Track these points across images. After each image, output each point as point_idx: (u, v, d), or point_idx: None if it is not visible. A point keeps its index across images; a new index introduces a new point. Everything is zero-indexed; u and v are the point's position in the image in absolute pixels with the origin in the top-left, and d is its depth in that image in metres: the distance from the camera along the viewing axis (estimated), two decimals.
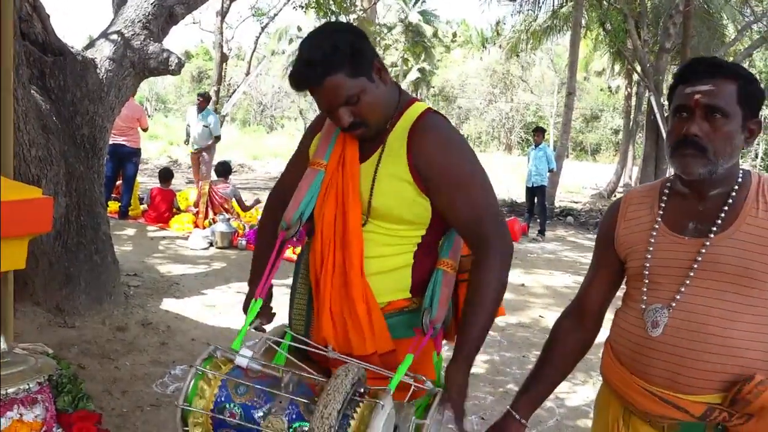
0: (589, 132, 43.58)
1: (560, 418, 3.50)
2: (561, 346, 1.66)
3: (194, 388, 1.35)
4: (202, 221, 7.92)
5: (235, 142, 21.83)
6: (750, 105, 1.37)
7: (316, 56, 1.41)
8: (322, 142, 1.63)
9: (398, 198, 1.52)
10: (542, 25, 18.74)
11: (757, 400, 1.31)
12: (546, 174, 10.17)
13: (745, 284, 1.36)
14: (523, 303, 5.97)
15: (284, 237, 1.58)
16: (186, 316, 4.71)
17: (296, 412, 1.29)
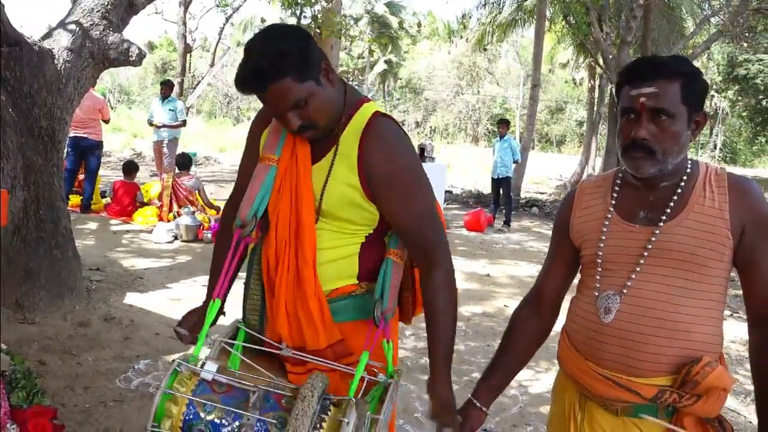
0: (555, 124, 44.14)
1: (523, 405, 3.56)
2: (520, 335, 1.70)
3: (161, 408, 1.35)
4: (167, 214, 7.82)
5: (200, 135, 21.53)
6: (694, 100, 1.41)
7: (262, 63, 1.40)
8: (271, 136, 1.62)
9: (347, 203, 1.53)
10: (507, 17, 18.88)
11: (704, 381, 1.35)
12: (511, 165, 10.28)
13: (693, 270, 1.41)
14: (488, 293, 6.04)
15: (240, 235, 1.57)
16: (150, 311, 4.65)
17: (264, 429, 1.31)
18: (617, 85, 1.49)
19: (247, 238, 1.58)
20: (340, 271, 1.58)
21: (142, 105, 33.98)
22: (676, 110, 1.38)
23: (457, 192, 14.49)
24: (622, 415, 1.47)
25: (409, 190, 1.54)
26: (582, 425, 1.54)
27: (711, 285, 1.42)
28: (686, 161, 1.48)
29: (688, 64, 1.43)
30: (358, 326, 1.58)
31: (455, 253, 7.88)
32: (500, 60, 42.13)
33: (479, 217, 9.82)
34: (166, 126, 9.51)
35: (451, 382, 1.59)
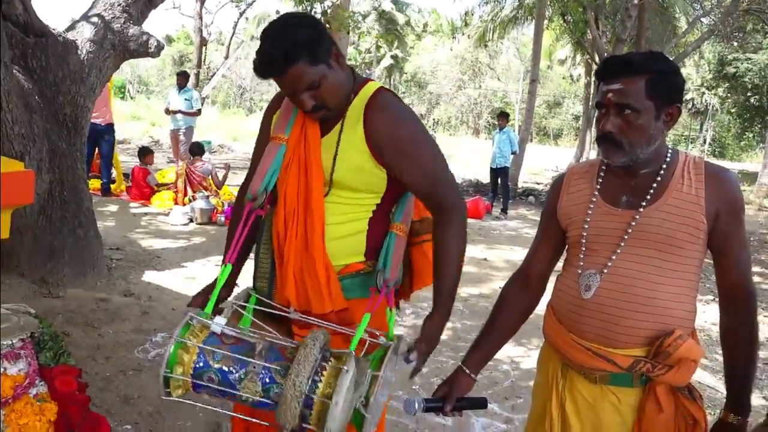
0: (552, 117, 43.91)
1: (514, 380, 3.61)
2: (507, 309, 1.73)
3: (174, 355, 1.39)
4: (182, 198, 7.87)
5: (215, 124, 21.54)
6: (663, 95, 1.42)
7: (279, 50, 1.45)
8: (281, 118, 1.67)
9: (358, 169, 1.57)
10: (508, 15, 18.78)
11: (676, 352, 1.40)
12: (509, 156, 10.29)
13: (670, 251, 1.44)
14: (485, 276, 6.08)
15: (251, 207, 1.63)
16: (167, 288, 4.71)
17: (269, 377, 1.35)
18: (596, 83, 1.53)
19: (257, 210, 1.62)
20: (349, 247, 1.63)
21: (160, 95, 33.94)
22: (641, 105, 1.41)
23: (458, 181, 14.50)
24: (601, 384, 1.51)
25: (415, 150, 1.58)
26: (564, 392, 1.58)
27: (686, 266, 1.46)
28: (666, 150, 1.51)
29: (659, 61, 1.44)
30: (364, 303, 1.62)
31: None
32: (501, 56, 41.87)
33: (478, 204, 9.83)
34: (182, 112, 9.53)
35: (445, 323, 1.65)
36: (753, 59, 20.15)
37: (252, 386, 1.34)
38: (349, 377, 1.30)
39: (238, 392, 1.34)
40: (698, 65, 28.23)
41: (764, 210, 14.30)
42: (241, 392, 1.34)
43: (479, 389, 3.42)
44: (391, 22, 34.75)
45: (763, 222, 12.29)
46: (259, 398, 1.33)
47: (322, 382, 1.31)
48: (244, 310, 1.58)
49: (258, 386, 1.34)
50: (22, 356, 1.63)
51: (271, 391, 1.33)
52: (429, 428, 2.95)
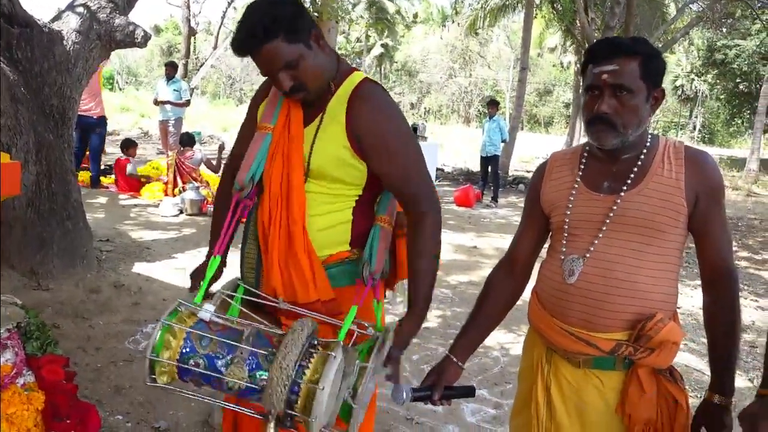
0: (543, 105, 43.97)
1: (504, 366, 3.64)
2: (494, 296, 1.73)
3: (161, 339, 1.38)
4: (172, 189, 7.84)
5: (205, 115, 21.43)
6: (652, 78, 1.44)
7: (255, 25, 1.45)
8: (268, 107, 1.66)
9: (334, 160, 1.57)
10: (498, 3, 18.72)
11: (657, 335, 1.41)
12: (499, 144, 10.31)
13: (651, 235, 1.46)
14: (474, 263, 6.11)
15: (238, 197, 1.62)
16: (157, 279, 4.70)
17: (256, 362, 1.34)
18: (582, 65, 1.52)
19: (244, 201, 1.62)
20: (333, 237, 1.63)
21: (149, 86, 33.67)
22: (636, 86, 1.42)
23: (449, 170, 14.50)
24: (584, 368, 1.52)
25: (396, 145, 1.58)
26: (549, 377, 1.59)
27: (667, 249, 1.47)
28: (647, 135, 1.52)
29: (646, 45, 1.46)
30: (351, 291, 1.62)
31: (445, 226, 7.93)
32: (491, 44, 41.79)
33: (468, 193, 9.86)
34: (171, 103, 9.47)
35: (420, 325, 1.64)
36: (741, 46, 20.22)
37: (238, 372, 1.33)
38: (336, 363, 1.30)
39: (224, 377, 1.34)
40: (687, 52, 28.31)
41: (753, 195, 14.43)
42: (227, 378, 1.34)
43: (469, 376, 3.46)
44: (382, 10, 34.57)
45: (752, 207, 12.39)
46: (246, 384, 1.33)
47: (309, 368, 1.31)
48: (232, 300, 1.58)
49: (244, 372, 1.33)
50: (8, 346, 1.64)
51: (257, 376, 1.33)
52: (419, 414, 2.98)
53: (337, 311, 1.58)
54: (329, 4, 8.07)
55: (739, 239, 8.73)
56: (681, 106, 41.00)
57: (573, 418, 1.56)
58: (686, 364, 3.83)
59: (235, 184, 1.63)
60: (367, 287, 1.59)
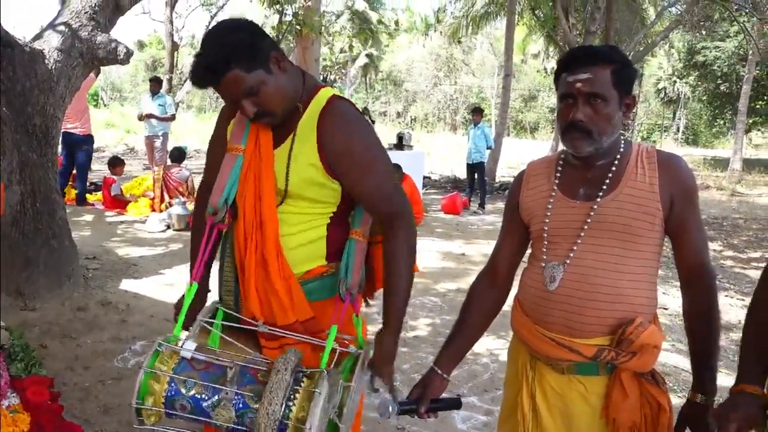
0: (528, 111, 44.26)
1: (494, 372, 3.65)
2: (477, 306, 1.74)
3: (144, 386, 1.37)
4: (159, 205, 7.82)
5: (191, 129, 21.39)
6: (624, 85, 1.47)
7: (209, 59, 1.44)
8: (236, 127, 1.64)
9: (311, 181, 1.56)
10: (480, 10, 18.87)
11: (638, 339, 1.43)
12: (485, 151, 10.38)
13: (628, 239, 1.48)
14: (463, 271, 6.12)
15: (212, 222, 1.62)
16: (144, 295, 4.68)
17: (242, 402, 1.34)
18: (555, 73, 1.55)
19: (219, 225, 1.62)
20: (309, 253, 1.62)
21: (134, 102, 33.54)
22: (609, 94, 1.45)
23: (436, 177, 14.55)
24: (568, 374, 1.54)
25: (368, 163, 1.57)
26: (533, 384, 1.60)
27: (644, 253, 1.50)
28: (620, 141, 1.55)
29: (618, 53, 1.49)
30: (330, 304, 1.62)
31: (433, 234, 8.00)
32: (475, 51, 42.09)
33: (455, 200, 9.91)
34: (156, 117, 9.44)
35: (398, 338, 1.61)
36: (721, 47, 20.48)
37: (225, 413, 1.33)
38: (322, 399, 1.29)
39: (211, 420, 1.34)
40: (669, 55, 28.62)
41: (737, 195, 14.58)
42: (214, 419, 1.33)
43: (459, 383, 3.46)
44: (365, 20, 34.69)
45: (736, 207, 12.52)
46: (233, 425, 1.33)
47: (295, 405, 1.31)
48: (212, 326, 1.58)
49: (231, 413, 1.33)
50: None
51: (245, 416, 1.33)
52: (410, 423, 2.98)
53: (316, 329, 1.57)
54: (311, 16, 8.09)
55: (725, 239, 8.82)
56: (664, 108, 41.42)
57: (558, 425, 1.57)
58: (674, 365, 3.85)
59: (208, 208, 1.62)
60: (345, 304, 1.59)
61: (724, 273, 6.63)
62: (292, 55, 9.44)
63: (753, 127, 24.38)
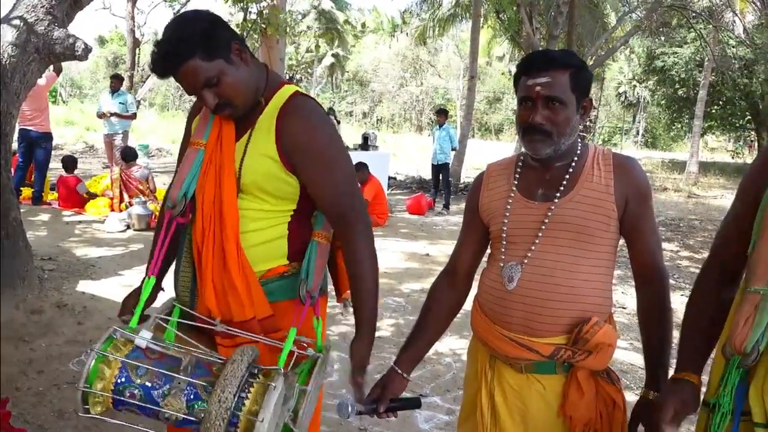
0: (493, 113, 44.71)
1: (456, 372, 3.68)
2: (436, 307, 1.75)
3: (94, 369, 1.33)
4: (118, 205, 7.66)
5: (153, 127, 21.01)
6: (581, 89, 1.51)
7: (169, 47, 1.43)
8: (200, 122, 1.64)
9: (265, 175, 1.54)
10: (446, 13, 19.00)
11: (593, 338, 1.46)
12: (449, 152, 10.45)
13: (584, 239, 1.51)
14: (427, 271, 6.15)
15: (171, 215, 1.59)
16: (103, 297, 4.57)
17: (194, 393, 1.31)
18: (515, 77, 1.57)
19: (178, 218, 1.59)
20: (270, 252, 1.60)
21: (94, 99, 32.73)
22: (567, 97, 1.48)
23: (401, 178, 14.59)
24: (526, 373, 1.56)
25: (327, 162, 1.56)
26: (492, 383, 1.62)
27: (600, 253, 1.53)
28: (577, 143, 1.58)
29: (575, 57, 1.52)
30: (291, 305, 1.60)
31: (397, 234, 8.01)
32: (441, 53, 42.35)
33: (420, 201, 9.96)
34: (116, 115, 9.25)
35: (372, 343, 1.60)
36: (679, 53, 21.00)
37: (176, 403, 1.29)
38: (276, 394, 1.27)
39: (160, 409, 1.30)
40: (629, 59, 29.29)
41: (693, 197, 14.98)
42: (164, 409, 1.29)
43: (422, 383, 3.48)
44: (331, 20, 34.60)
45: (692, 208, 12.86)
46: (183, 415, 1.29)
47: (249, 399, 1.28)
48: (168, 323, 1.55)
49: (182, 403, 1.29)
50: None
51: (195, 407, 1.29)
52: (372, 424, 2.98)
53: (274, 328, 1.56)
54: (276, 15, 8.02)
55: (681, 239, 9.05)
56: (624, 112, 42.35)
57: (517, 423, 1.58)
58: (631, 363, 3.95)
59: (167, 202, 1.60)
60: (305, 306, 1.57)
61: (680, 273, 6.80)
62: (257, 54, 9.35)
63: (709, 131, 25.08)
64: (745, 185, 1.36)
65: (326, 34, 32.85)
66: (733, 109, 21.82)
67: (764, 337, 1.17)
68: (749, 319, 1.19)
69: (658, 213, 10.75)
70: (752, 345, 1.17)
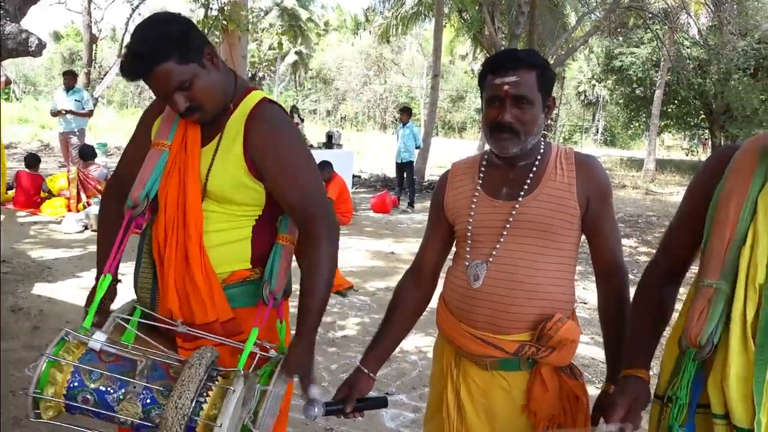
0: (456, 111, 45.02)
1: (422, 369, 3.69)
2: (402, 306, 1.75)
3: (45, 374, 1.29)
4: (75, 205, 7.46)
5: (112, 125, 20.55)
6: (546, 88, 1.52)
7: (143, 48, 1.40)
8: (164, 123, 1.61)
9: (232, 182, 1.54)
10: (409, 11, 19.04)
11: (557, 334, 1.48)
12: (413, 150, 10.48)
13: (548, 237, 1.52)
14: (392, 269, 6.16)
15: (131, 215, 1.56)
16: (60, 300, 4.45)
17: (150, 397, 1.27)
18: (480, 75, 1.58)
19: (137, 219, 1.57)
20: (232, 254, 1.59)
21: (49, 96, 31.81)
22: (534, 97, 1.49)
23: (365, 176, 14.57)
24: (491, 370, 1.57)
25: (293, 166, 1.56)
26: (458, 380, 1.63)
27: (563, 251, 1.55)
28: (540, 143, 1.59)
29: (540, 57, 1.54)
30: (254, 312, 1.57)
31: (362, 233, 8.01)
32: (405, 52, 42.46)
33: (385, 199, 9.97)
34: (72, 113, 9.00)
35: (313, 343, 1.54)
36: (636, 53, 21.45)
37: (131, 408, 1.26)
38: (235, 398, 1.24)
39: (115, 414, 1.26)
40: (588, 59, 29.80)
41: (651, 194, 15.34)
42: (119, 414, 1.26)
43: (388, 381, 3.48)
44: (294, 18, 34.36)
45: (650, 205, 13.18)
46: (139, 420, 1.26)
47: (207, 403, 1.25)
48: (128, 324, 1.51)
49: (138, 408, 1.26)
50: None
51: (152, 412, 1.26)
52: (339, 424, 2.97)
53: (236, 331, 1.54)
54: (238, 12, 7.92)
55: (639, 235, 9.26)
56: (584, 111, 43.14)
57: (483, 420, 1.60)
58: (593, 357, 4.02)
59: (128, 201, 1.57)
60: (268, 307, 1.55)
61: (639, 268, 6.95)
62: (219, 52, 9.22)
63: (665, 129, 25.68)
64: (695, 185, 1.40)
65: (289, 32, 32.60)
66: (688, 108, 22.40)
67: (718, 329, 1.21)
68: (703, 313, 1.22)
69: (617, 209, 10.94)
70: (707, 337, 1.20)
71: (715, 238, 1.26)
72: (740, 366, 1.17)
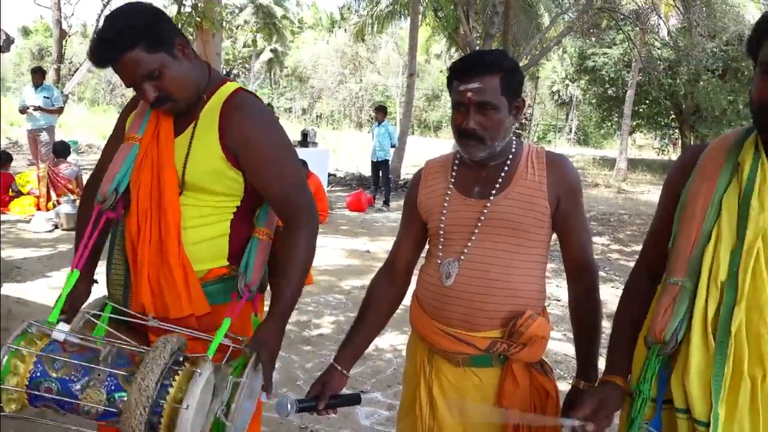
0: (432, 110, 45.15)
1: (397, 367, 3.71)
2: (375, 303, 1.76)
3: (7, 365, 1.26)
4: (45, 204, 7.33)
5: (83, 122, 20.19)
6: (513, 90, 1.53)
7: (111, 35, 1.40)
8: (136, 118, 1.61)
9: (210, 172, 1.53)
10: (385, 10, 19.04)
11: (527, 331, 1.50)
12: (389, 149, 10.52)
13: (519, 236, 1.55)
14: (367, 268, 6.17)
15: (100, 210, 1.55)
16: (29, 300, 4.38)
17: (115, 383, 1.26)
18: (448, 80, 1.59)
19: (107, 213, 1.55)
20: (210, 251, 1.58)
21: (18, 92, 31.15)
22: (498, 102, 1.50)
23: (341, 175, 14.56)
24: (463, 366, 1.59)
25: (272, 154, 1.56)
26: (431, 377, 1.64)
27: (534, 249, 1.57)
28: (512, 142, 1.61)
29: (506, 59, 1.55)
30: (229, 308, 1.57)
31: (337, 232, 8.00)
32: (380, 50, 42.45)
33: (360, 197, 9.98)
34: (41, 110, 8.83)
35: (283, 328, 1.55)
36: (608, 53, 21.73)
37: (95, 395, 1.24)
38: (202, 380, 1.24)
39: (79, 402, 1.25)
40: (562, 59, 30.14)
41: (622, 192, 15.58)
42: (82, 402, 1.24)
43: (362, 379, 3.49)
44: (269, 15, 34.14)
45: (622, 203, 13.39)
46: (103, 408, 1.24)
47: (173, 386, 1.24)
48: (98, 320, 1.50)
49: (102, 395, 1.24)
50: None
51: (116, 398, 1.25)
52: (313, 422, 2.97)
53: (211, 326, 1.52)
54: (212, 8, 7.84)
55: (611, 233, 9.40)
56: (558, 110, 43.62)
57: (455, 417, 1.61)
58: (565, 353, 4.08)
59: (97, 196, 1.56)
60: (242, 300, 1.55)
61: (610, 266, 7.07)
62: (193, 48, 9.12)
63: (637, 129, 26.06)
64: (667, 185, 1.43)
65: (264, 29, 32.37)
66: (658, 108, 22.76)
67: (682, 326, 1.24)
68: (668, 309, 1.25)
69: (589, 208, 11.14)
70: (671, 333, 1.24)
71: (681, 236, 1.29)
72: (700, 361, 1.20)
